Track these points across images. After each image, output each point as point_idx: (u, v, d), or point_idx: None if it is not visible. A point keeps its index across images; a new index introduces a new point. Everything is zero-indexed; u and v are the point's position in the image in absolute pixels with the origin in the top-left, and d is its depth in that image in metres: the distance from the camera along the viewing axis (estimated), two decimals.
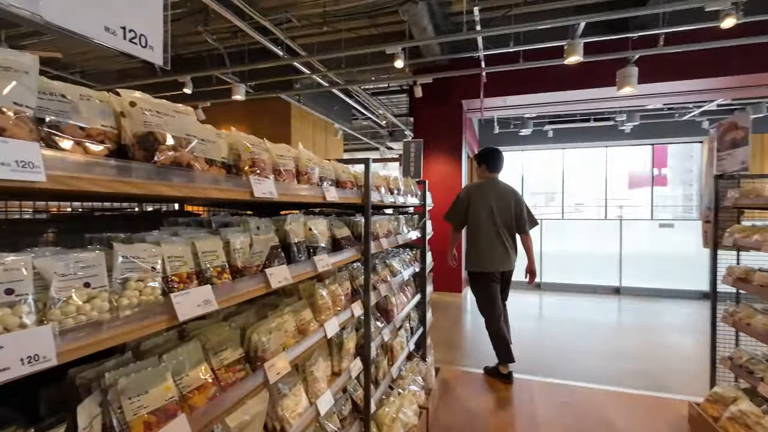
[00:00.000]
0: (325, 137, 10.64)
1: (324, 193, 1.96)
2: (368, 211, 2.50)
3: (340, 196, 2.17)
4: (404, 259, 3.82)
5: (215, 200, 1.78)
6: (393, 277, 3.28)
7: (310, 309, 2.00)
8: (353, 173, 2.54)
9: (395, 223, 3.38)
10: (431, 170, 8.46)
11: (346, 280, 2.44)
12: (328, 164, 2.20)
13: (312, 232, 1.91)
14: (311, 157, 1.90)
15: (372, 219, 2.79)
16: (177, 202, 2.25)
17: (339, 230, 2.35)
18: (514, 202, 4.54)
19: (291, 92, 7.85)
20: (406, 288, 3.98)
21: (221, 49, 7.14)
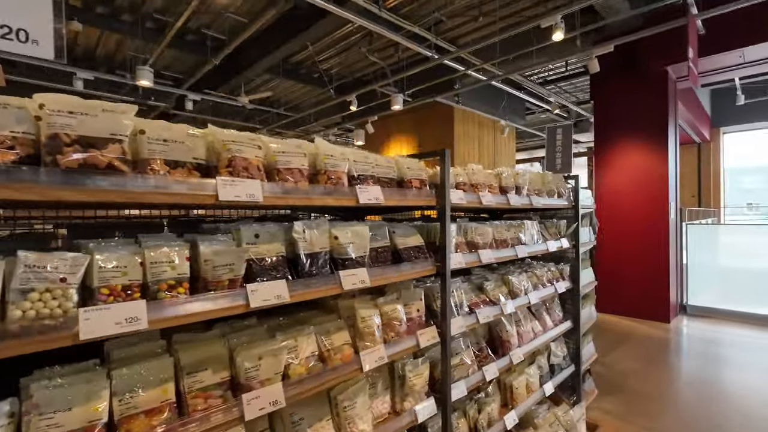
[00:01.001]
0: (493, 136, 9.91)
1: (357, 195, 1.62)
2: (446, 215, 2.00)
3: (393, 198, 1.78)
4: (539, 276, 3.01)
5: (173, 204, 1.70)
6: (511, 299, 2.59)
7: (347, 332, 1.68)
8: (429, 170, 2.09)
9: (514, 230, 2.68)
10: (619, 163, 6.70)
11: (417, 299, 2.00)
12: (379, 160, 1.84)
13: (338, 242, 1.59)
14: (335, 151, 1.59)
15: (467, 225, 2.25)
16: (102, 207, 2.07)
17: (403, 239, 1.95)
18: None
19: (449, 93, 7.58)
20: (545, 312, 3.14)
21: (383, 65, 7.50)
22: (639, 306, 6.49)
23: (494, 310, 2.41)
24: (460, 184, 2.26)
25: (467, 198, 2.19)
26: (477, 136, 9.47)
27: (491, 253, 2.35)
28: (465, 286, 2.44)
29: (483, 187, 2.37)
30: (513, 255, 2.56)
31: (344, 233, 1.61)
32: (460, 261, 2.12)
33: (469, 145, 9.23)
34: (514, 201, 2.53)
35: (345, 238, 1.61)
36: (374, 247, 1.81)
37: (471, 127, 9.33)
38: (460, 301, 2.26)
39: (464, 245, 2.30)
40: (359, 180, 1.68)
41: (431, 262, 2.00)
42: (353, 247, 1.64)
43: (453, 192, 2.09)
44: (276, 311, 1.67)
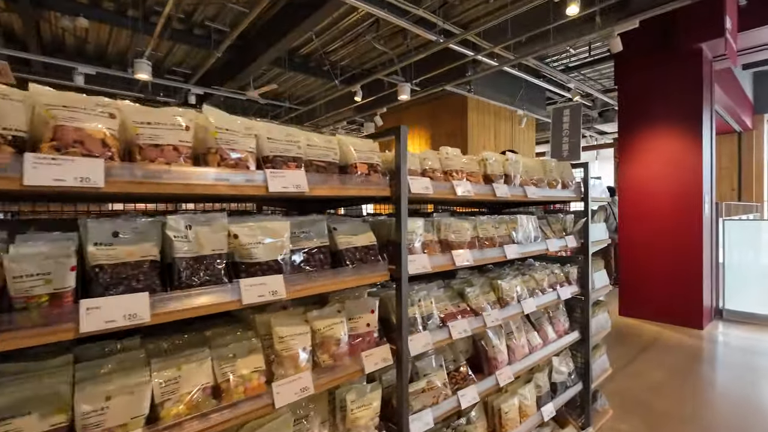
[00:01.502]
0: (510, 127, 9.28)
1: (268, 182, 1.23)
2: (401, 208, 1.59)
3: (325, 186, 1.38)
4: (538, 280, 2.54)
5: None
6: (500, 308, 2.15)
7: (262, 355, 1.31)
8: (389, 154, 1.68)
9: (504, 227, 2.23)
10: (646, 154, 5.99)
11: (366, 311, 1.60)
12: (313, 139, 1.44)
13: (239, 241, 1.21)
14: (234, 125, 1.20)
15: (439, 221, 1.83)
16: None
17: (347, 237, 1.55)
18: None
19: (460, 82, 7.04)
20: (547, 322, 2.67)
21: (390, 53, 7.07)
22: (668, 309, 5.80)
23: (475, 323, 1.97)
24: (429, 171, 1.83)
25: (436, 187, 1.76)
26: (493, 127, 8.88)
27: (469, 254, 1.91)
28: (440, 293, 2.01)
29: (460, 174, 1.93)
30: (500, 256, 2.11)
31: (248, 230, 1.23)
32: (425, 264, 1.70)
33: (485, 136, 8.66)
34: (501, 192, 2.07)
35: (249, 237, 1.23)
36: (304, 248, 1.42)
37: (486, 117, 8.74)
38: (429, 312, 1.84)
39: (435, 245, 1.88)
40: (274, 163, 1.30)
41: (384, 265, 1.59)
42: (263, 249, 1.25)
43: (416, 180, 1.67)
44: (176, 328, 1.32)
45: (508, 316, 2.17)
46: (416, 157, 1.80)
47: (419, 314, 1.79)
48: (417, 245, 1.74)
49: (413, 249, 1.72)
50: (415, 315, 1.77)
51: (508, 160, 2.22)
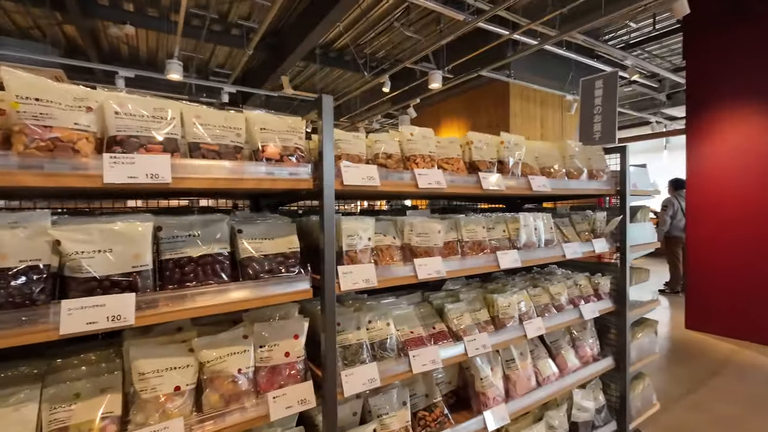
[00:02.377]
0: (560, 115, 8.33)
1: (104, 170, 0.89)
2: (325, 206, 1.19)
3: (206, 175, 1.03)
4: (553, 293, 1.99)
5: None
6: (493, 331, 1.68)
7: (119, 395, 0.99)
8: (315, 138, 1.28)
9: (501, 228, 1.74)
10: (719, 140, 4.90)
11: (287, 336, 1.22)
12: (205, 116, 1.09)
13: (64, 249, 0.89)
14: (56, 94, 0.88)
15: (401, 221, 1.41)
16: None
17: (258, 242, 1.18)
18: None
19: (496, 65, 6.34)
20: (568, 345, 2.12)
21: (420, 38, 6.56)
22: (745, 323, 4.74)
23: (452, 350, 1.52)
24: (382, 158, 1.40)
25: (387, 177, 1.32)
26: (539, 116, 8.01)
27: (440, 263, 1.45)
28: (408, 310, 1.58)
29: (427, 161, 1.47)
30: (490, 265, 1.61)
31: (78, 235, 0.90)
32: (368, 277, 1.28)
33: (530, 126, 7.82)
34: (490, 183, 1.58)
35: (79, 245, 0.90)
36: (184, 257, 1.07)
37: (531, 105, 7.90)
38: (384, 336, 1.42)
39: (395, 251, 1.44)
40: (125, 145, 0.96)
41: (306, 278, 1.20)
42: (103, 260, 0.92)
43: (353, 168, 1.25)
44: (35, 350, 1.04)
45: (501, 342, 1.67)
46: (362, 139, 1.37)
47: (367, 339, 1.38)
48: (361, 252, 1.32)
49: (354, 256, 1.31)
50: (362, 341, 1.36)
51: (504, 143, 1.70)
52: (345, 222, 1.30)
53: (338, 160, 1.30)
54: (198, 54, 7.86)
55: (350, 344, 1.33)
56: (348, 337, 1.34)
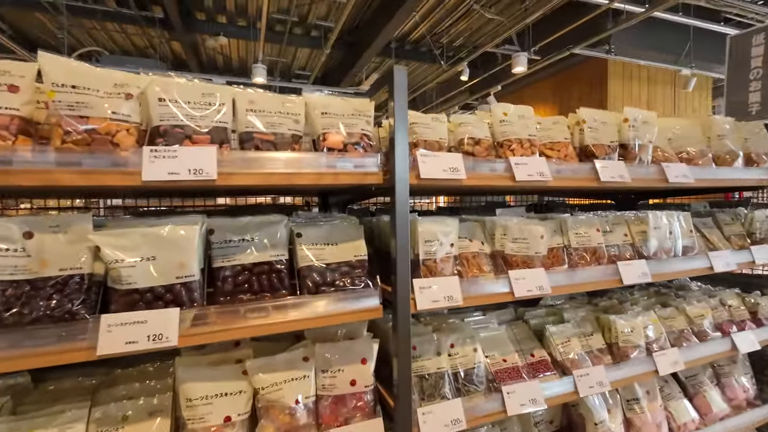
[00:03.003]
0: (672, 94, 7.07)
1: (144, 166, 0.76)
2: (397, 203, 0.95)
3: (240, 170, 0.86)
4: (692, 315, 1.54)
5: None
6: (611, 363, 1.32)
7: (168, 420, 0.87)
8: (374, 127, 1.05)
9: (619, 232, 1.35)
10: None
11: (353, 360, 1.02)
12: (258, 101, 0.93)
13: (107, 256, 0.77)
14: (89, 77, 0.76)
15: (493, 221, 1.14)
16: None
17: (315, 249, 0.99)
18: None
19: (593, 40, 5.52)
20: (713, 384, 1.65)
21: (504, 21, 5.99)
22: None
23: (557, 387, 1.19)
24: (468, 144, 1.11)
25: (474, 169, 1.04)
26: (645, 97, 6.88)
27: (544, 276, 1.13)
28: (499, 331, 1.28)
29: (526, 147, 1.14)
30: (609, 279, 1.24)
31: (119, 240, 0.78)
32: (451, 293, 1.01)
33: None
34: (609, 174, 1.20)
35: (120, 251, 0.78)
36: (237, 264, 0.92)
37: (635, 84, 6.82)
38: (471, 364, 1.14)
39: (483, 260, 1.15)
40: (167, 136, 0.82)
41: (376, 293, 0.98)
42: (145, 268, 0.79)
43: (432, 158, 0.99)
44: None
45: (623, 379, 1.28)
46: (442, 122, 1.10)
47: (450, 368, 1.11)
48: (441, 261, 1.06)
49: (433, 267, 1.05)
50: (443, 370, 1.10)
51: (628, 121, 1.29)
52: (422, 224, 1.05)
53: (414, 148, 1.05)
54: (282, 58, 8.20)
55: (429, 373, 1.08)
56: (426, 365, 1.09)
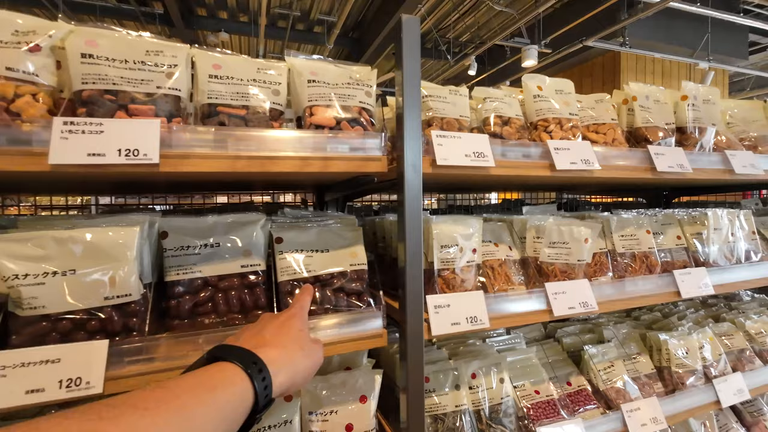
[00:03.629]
0: None
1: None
2: (408, 199, 0.72)
3: (184, 151, 0.64)
4: (753, 332, 1.28)
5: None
6: (663, 392, 1.08)
7: None
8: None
9: (670, 233, 1.11)
10: None
11: (348, 398, 0.79)
12: (231, 65, 0.70)
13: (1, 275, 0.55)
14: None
15: (523, 221, 0.91)
16: None
17: (301, 256, 0.76)
18: None
19: (607, 32, 5.24)
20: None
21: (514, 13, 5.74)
22: None
23: (601, 426, 0.95)
24: (497, 124, 0.88)
25: (502, 155, 0.81)
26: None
27: (588, 288, 0.89)
28: (529, 355, 1.05)
29: (566, 129, 0.91)
30: (665, 292, 1.00)
31: (19, 248, 0.56)
32: (476, 312, 0.78)
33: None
34: (667, 163, 0.96)
35: (21, 263, 0.56)
36: (202, 279, 0.70)
37: (649, 78, 6.54)
38: (498, 398, 0.91)
39: (513, 267, 0.92)
40: (91, 105, 0.59)
41: (378, 314, 0.75)
42: (57, 287, 0.57)
43: (451, 141, 0.76)
44: None
45: (680, 412, 1.04)
46: (463, 95, 0.86)
47: (471, 405, 0.88)
48: (462, 271, 0.83)
49: (452, 279, 0.82)
50: (462, 408, 0.87)
51: (687, 99, 1.05)
52: (437, 224, 0.82)
53: (428, 127, 0.82)
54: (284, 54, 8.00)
55: (444, 413, 0.85)
56: (441, 402, 0.86)
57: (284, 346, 0.55)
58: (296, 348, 0.56)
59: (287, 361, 0.53)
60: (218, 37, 6.92)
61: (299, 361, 0.55)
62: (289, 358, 0.54)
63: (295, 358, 0.55)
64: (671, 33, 5.85)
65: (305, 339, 0.58)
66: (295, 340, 0.57)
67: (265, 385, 0.48)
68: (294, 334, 0.57)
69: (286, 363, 0.53)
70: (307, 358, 0.57)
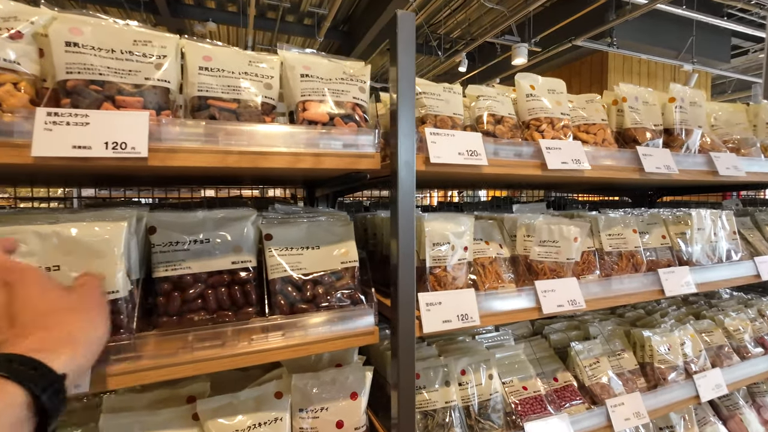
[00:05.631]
0: None
1: None
2: (402, 197, 0.72)
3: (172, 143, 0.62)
4: (731, 329, 1.33)
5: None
6: (645, 388, 1.11)
7: None
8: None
9: (656, 232, 1.14)
10: None
11: (339, 395, 0.79)
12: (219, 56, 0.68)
13: None
14: None
15: (513, 219, 0.92)
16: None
17: (290, 254, 0.76)
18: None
19: (595, 32, 5.30)
20: (748, 406, 1.44)
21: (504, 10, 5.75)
22: None
23: (587, 419, 0.97)
24: (489, 123, 0.88)
25: (495, 154, 0.81)
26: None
27: (576, 285, 0.91)
28: (516, 351, 1.06)
29: (557, 128, 0.92)
30: (650, 290, 1.02)
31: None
32: (467, 311, 0.79)
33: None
34: (656, 164, 0.98)
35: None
36: (191, 276, 0.68)
37: (635, 79, 6.65)
38: (487, 395, 0.92)
39: (503, 265, 0.93)
40: (80, 99, 0.57)
41: (369, 311, 0.75)
42: None
43: (444, 138, 0.76)
44: None
45: (662, 407, 1.08)
46: (457, 93, 0.86)
47: (460, 401, 0.89)
48: (453, 269, 0.83)
49: (443, 277, 0.82)
50: (452, 404, 0.88)
51: (675, 101, 1.07)
52: (429, 222, 0.82)
53: (421, 125, 0.82)
54: (273, 46, 7.88)
55: (434, 409, 0.86)
56: (432, 398, 0.87)
57: (47, 326, 0.46)
58: (63, 318, 0.47)
59: (60, 338, 0.45)
60: (205, 26, 6.76)
61: (77, 327, 0.47)
62: (59, 332, 0.45)
63: (71, 330, 0.47)
64: (657, 35, 5.95)
65: (65, 300, 0.49)
66: (54, 311, 0.47)
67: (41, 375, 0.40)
68: (51, 304, 0.47)
69: (60, 341, 0.45)
70: (81, 318, 0.48)
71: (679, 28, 6.02)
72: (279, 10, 6.41)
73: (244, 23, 6.83)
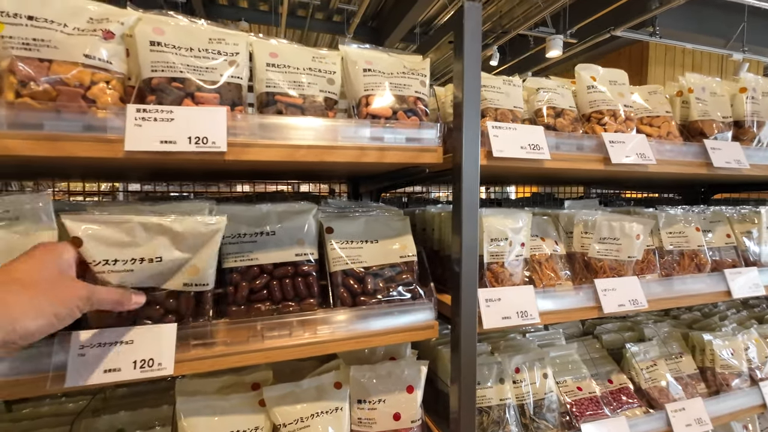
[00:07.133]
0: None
1: None
2: (465, 192, 0.71)
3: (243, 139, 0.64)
4: None
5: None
6: (705, 393, 1.05)
7: None
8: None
9: (720, 231, 1.07)
10: None
11: (395, 388, 0.80)
12: (285, 51, 0.70)
13: None
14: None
15: (569, 215, 0.90)
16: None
17: (350, 248, 0.77)
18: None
19: (636, 21, 5.06)
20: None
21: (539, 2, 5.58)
22: None
23: (644, 425, 0.94)
24: (550, 115, 0.86)
25: (556, 148, 0.79)
26: None
27: (638, 285, 0.88)
28: (570, 351, 1.04)
29: (622, 123, 0.88)
30: (715, 291, 0.97)
31: (107, 232, 0.57)
32: (524, 308, 0.78)
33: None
34: (724, 158, 0.92)
35: (107, 248, 0.57)
36: (258, 266, 0.71)
37: (677, 71, 6.30)
38: (542, 393, 0.90)
39: (560, 263, 0.91)
40: (163, 95, 0.60)
41: (429, 306, 0.75)
42: (142, 272, 0.58)
43: (506, 132, 0.75)
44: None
45: (725, 414, 1.02)
46: (517, 86, 0.85)
47: (515, 399, 0.88)
48: (511, 265, 0.82)
49: (501, 273, 0.81)
50: (507, 402, 0.87)
51: (746, 91, 1.01)
52: (487, 217, 0.81)
53: (481, 118, 0.80)
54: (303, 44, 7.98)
55: (489, 406, 0.85)
56: (486, 395, 0.86)
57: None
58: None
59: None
60: (238, 26, 6.92)
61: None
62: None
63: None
64: (704, 22, 5.61)
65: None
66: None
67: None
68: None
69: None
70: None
71: (728, 15, 5.65)
72: (309, 7, 6.48)
73: (276, 21, 6.94)
